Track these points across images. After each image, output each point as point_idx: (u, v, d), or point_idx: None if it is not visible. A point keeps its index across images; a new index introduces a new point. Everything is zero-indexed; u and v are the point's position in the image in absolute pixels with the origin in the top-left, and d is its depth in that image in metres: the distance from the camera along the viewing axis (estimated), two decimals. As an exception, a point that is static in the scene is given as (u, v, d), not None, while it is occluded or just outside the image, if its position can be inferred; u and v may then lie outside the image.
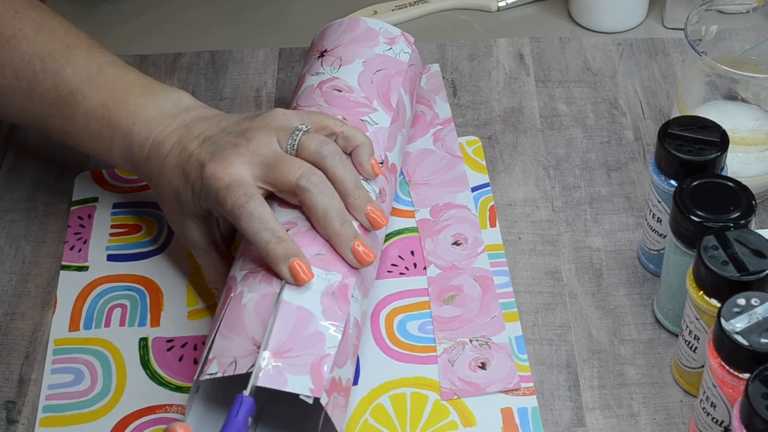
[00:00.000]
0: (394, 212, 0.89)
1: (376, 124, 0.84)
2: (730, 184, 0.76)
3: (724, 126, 0.79)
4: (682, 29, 0.87)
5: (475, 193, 0.90)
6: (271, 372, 0.68)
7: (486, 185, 0.91)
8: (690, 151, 0.78)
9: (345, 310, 0.73)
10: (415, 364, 0.79)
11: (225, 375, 0.69)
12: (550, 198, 0.91)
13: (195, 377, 0.71)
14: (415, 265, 0.86)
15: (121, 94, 0.81)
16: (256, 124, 0.78)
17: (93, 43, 0.84)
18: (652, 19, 1.06)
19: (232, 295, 0.74)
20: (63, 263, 0.86)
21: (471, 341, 0.80)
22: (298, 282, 0.72)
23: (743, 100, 0.88)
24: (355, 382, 0.78)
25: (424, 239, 0.87)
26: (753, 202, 0.75)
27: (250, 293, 0.72)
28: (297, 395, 0.68)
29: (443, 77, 1.00)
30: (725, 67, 0.84)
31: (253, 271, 0.74)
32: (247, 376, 0.68)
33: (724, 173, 0.79)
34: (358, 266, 0.75)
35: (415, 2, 1.08)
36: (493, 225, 0.88)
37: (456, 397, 0.77)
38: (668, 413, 0.77)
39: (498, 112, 0.98)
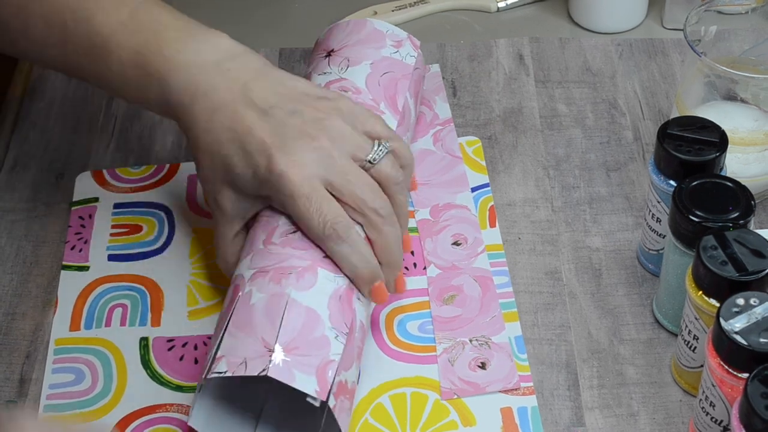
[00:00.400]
0: (394, 212, 0.89)
1: None
2: (729, 184, 0.76)
3: (724, 126, 0.79)
4: (682, 30, 0.87)
5: (475, 193, 0.90)
6: (281, 366, 0.68)
7: (486, 185, 0.91)
8: (689, 152, 0.78)
9: (349, 317, 0.73)
10: (415, 363, 0.80)
11: (235, 375, 0.69)
12: (550, 198, 0.91)
13: (202, 374, 0.71)
14: (415, 265, 0.86)
15: (155, 39, 0.77)
16: (334, 113, 0.76)
17: None
18: (652, 19, 1.06)
19: (240, 293, 0.73)
20: (64, 263, 0.86)
21: (471, 341, 0.80)
22: (377, 302, 0.75)
23: (742, 101, 0.88)
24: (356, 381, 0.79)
25: (424, 239, 0.87)
26: (752, 202, 0.75)
27: (259, 293, 0.72)
28: (298, 395, 0.68)
29: (443, 77, 1.00)
30: (724, 68, 0.84)
31: (262, 271, 0.74)
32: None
33: (723, 173, 0.79)
34: (374, 302, 0.77)
35: (415, 3, 1.08)
36: (492, 225, 0.88)
37: (456, 396, 0.78)
38: (667, 413, 0.77)
39: (498, 113, 0.98)
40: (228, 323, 0.72)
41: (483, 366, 0.79)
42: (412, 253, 0.86)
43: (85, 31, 0.78)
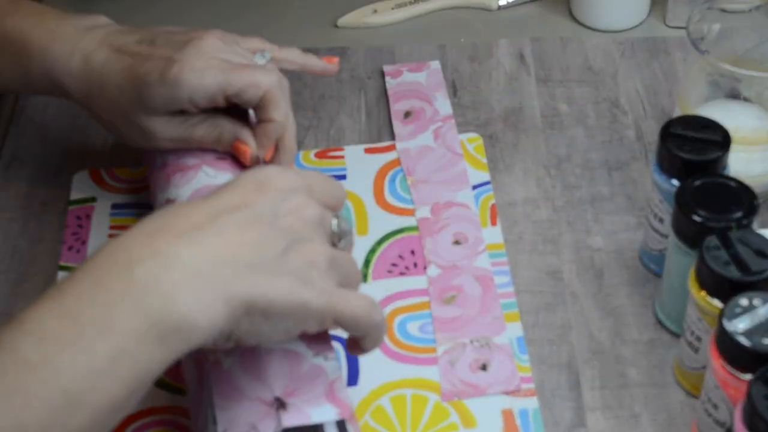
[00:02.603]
0: (394, 210, 0.89)
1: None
2: (733, 183, 0.76)
3: (727, 125, 0.79)
4: (684, 28, 0.87)
5: (476, 191, 0.90)
6: (291, 412, 0.65)
7: (487, 183, 0.91)
8: (692, 151, 0.77)
9: (326, 336, 0.71)
10: (416, 365, 0.79)
11: None
12: (551, 198, 0.90)
13: None
14: (415, 264, 0.85)
15: (35, 18, 0.81)
16: (206, 34, 0.80)
17: None
18: (654, 17, 1.06)
19: (207, 365, 0.69)
20: (61, 264, 0.86)
21: (472, 342, 0.80)
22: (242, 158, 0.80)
23: (745, 99, 0.88)
24: (355, 383, 0.78)
25: (424, 238, 0.87)
26: (755, 201, 0.75)
27: (228, 357, 0.69)
28: None
29: (443, 77, 1.00)
30: (728, 66, 0.84)
31: None
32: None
33: (726, 173, 0.79)
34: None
35: (415, 1, 1.08)
36: (494, 223, 0.88)
37: (456, 398, 0.77)
38: (670, 414, 0.77)
39: (498, 112, 0.97)
40: (212, 398, 0.68)
41: (484, 367, 0.78)
42: (412, 252, 0.86)
43: None
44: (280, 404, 0.66)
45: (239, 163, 0.81)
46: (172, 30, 0.81)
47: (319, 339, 0.70)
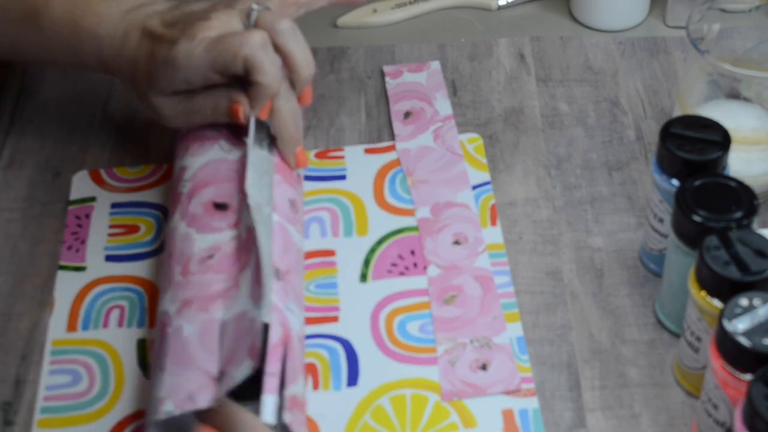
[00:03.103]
0: (395, 210, 0.89)
1: None
2: (733, 183, 0.76)
3: (727, 125, 0.79)
4: (684, 28, 0.87)
5: (476, 191, 0.90)
6: (223, 380, 0.67)
7: (487, 183, 0.90)
8: (692, 151, 0.77)
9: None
10: (416, 365, 0.79)
11: (184, 411, 0.67)
12: (551, 197, 0.90)
13: (148, 418, 0.69)
14: (415, 264, 0.85)
15: (82, 1, 0.83)
16: (219, 6, 0.82)
17: None
18: (654, 17, 1.06)
19: (169, 330, 0.72)
20: (60, 263, 0.86)
21: (472, 342, 0.80)
22: (300, 165, 0.83)
23: (745, 99, 0.88)
24: (355, 382, 0.78)
25: (424, 238, 0.87)
26: (755, 201, 0.75)
27: (189, 325, 0.71)
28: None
29: (444, 77, 1.00)
30: (727, 66, 0.84)
31: (186, 302, 0.73)
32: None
33: (726, 173, 0.79)
34: (295, 168, 0.82)
35: (414, 0, 1.08)
36: (494, 223, 0.88)
37: (456, 398, 0.77)
38: (670, 414, 0.77)
39: (499, 112, 0.97)
40: (165, 362, 0.70)
41: (484, 367, 0.78)
42: (413, 252, 0.86)
43: None
44: (222, 376, 0.67)
45: None
46: (194, 8, 0.83)
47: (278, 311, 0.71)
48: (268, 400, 0.67)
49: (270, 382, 0.67)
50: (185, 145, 0.84)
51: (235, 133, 0.83)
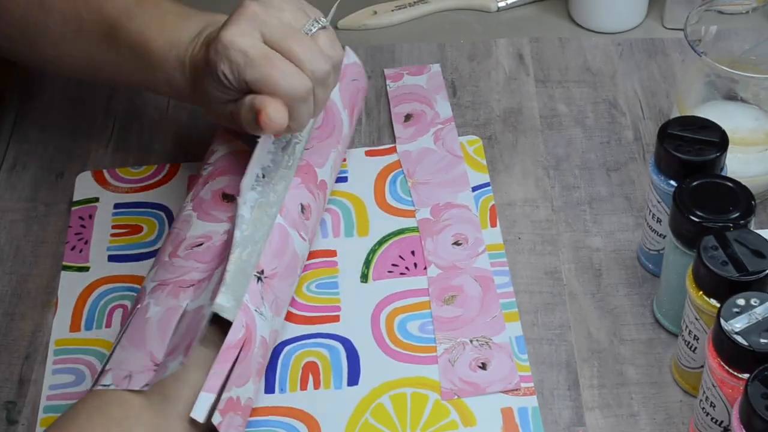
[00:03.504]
0: (395, 212, 0.89)
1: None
2: (730, 184, 0.76)
3: (724, 126, 0.79)
4: (682, 29, 0.87)
5: (476, 192, 0.90)
6: (159, 368, 0.68)
7: (486, 185, 0.91)
8: (689, 152, 0.78)
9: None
10: (416, 364, 0.80)
11: (119, 388, 0.68)
12: (550, 198, 0.91)
13: (90, 387, 0.70)
14: (415, 265, 0.86)
15: (156, 23, 0.81)
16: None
17: None
18: (652, 19, 1.06)
19: (138, 306, 0.73)
20: (64, 263, 0.86)
21: (471, 341, 0.80)
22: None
23: (743, 101, 0.88)
24: (356, 381, 0.79)
25: (424, 239, 0.87)
26: (752, 202, 0.75)
27: (156, 306, 0.72)
28: None
29: (443, 77, 1.00)
30: (725, 68, 0.84)
31: (162, 284, 0.74)
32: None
33: (723, 173, 0.79)
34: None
35: (414, 2, 1.08)
36: (493, 225, 0.88)
37: (456, 397, 0.77)
38: (668, 413, 0.77)
39: (498, 113, 0.98)
40: (122, 336, 0.71)
41: (483, 366, 0.79)
42: (413, 253, 0.86)
43: (98, 18, 0.82)
44: (160, 365, 0.68)
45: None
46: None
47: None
48: (203, 398, 0.68)
49: (211, 381, 0.68)
50: (222, 131, 0.85)
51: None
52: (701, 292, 0.72)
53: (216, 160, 0.82)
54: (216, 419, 0.68)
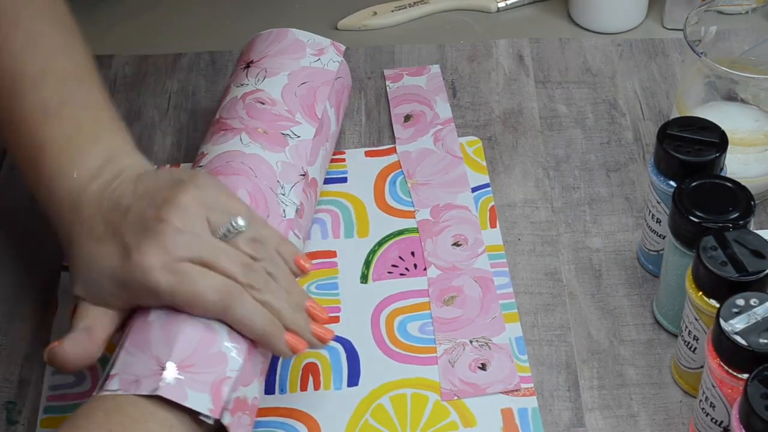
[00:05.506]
0: (395, 212, 0.89)
1: (298, 137, 0.84)
2: (729, 184, 0.76)
3: (724, 127, 0.79)
4: (682, 30, 0.87)
5: (476, 193, 0.90)
6: (173, 384, 0.67)
7: (486, 186, 0.91)
8: (689, 152, 0.78)
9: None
10: (416, 365, 0.80)
11: (127, 393, 0.68)
12: (550, 199, 0.91)
13: (95, 392, 0.70)
14: (415, 265, 0.86)
15: (59, 142, 0.75)
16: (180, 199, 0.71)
17: (82, 66, 0.78)
18: (652, 19, 1.06)
19: (136, 312, 0.72)
20: (64, 263, 0.86)
21: (471, 342, 0.80)
22: (296, 351, 0.72)
23: (742, 101, 0.88)
24: (356, 382, 0.79)
25: (424, 240, 0.87)
26: (752, 202, 0.75)
27: (158, 309, 0.71)
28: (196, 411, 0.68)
29: (443, 78, 1.00)
30: (724, 68, 0.84)
31: None
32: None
33: (723, 174, 0.79)
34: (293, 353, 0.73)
35: (414, 3, 1.08)
36: (493, 225, 0.88)
37: (456, 397, 0.78)
38: (667, 414, 0.77)
39: (497, 113, 0.98)
40: (126, 340, 0.71)
41: (483, 367, 0.79)
42: (413, 253, 0.86)
43: (19, 105, 0.75)
44: (168, 371, 0.68)
45: (276, 141, 0.82)
46: (151, 194, 0.72)
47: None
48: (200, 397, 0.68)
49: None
50: (212, 132, 0.85)
51: (260, 126, 0.83)
52: (701, 293, 0.72)
53: (208, 162, 0.82)
54: (226, 419, 0.68)
